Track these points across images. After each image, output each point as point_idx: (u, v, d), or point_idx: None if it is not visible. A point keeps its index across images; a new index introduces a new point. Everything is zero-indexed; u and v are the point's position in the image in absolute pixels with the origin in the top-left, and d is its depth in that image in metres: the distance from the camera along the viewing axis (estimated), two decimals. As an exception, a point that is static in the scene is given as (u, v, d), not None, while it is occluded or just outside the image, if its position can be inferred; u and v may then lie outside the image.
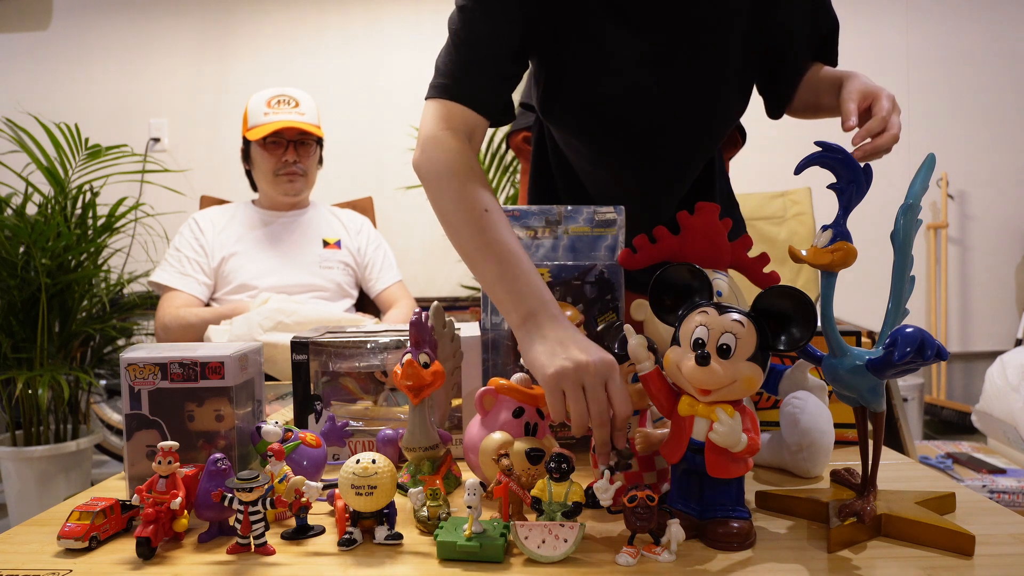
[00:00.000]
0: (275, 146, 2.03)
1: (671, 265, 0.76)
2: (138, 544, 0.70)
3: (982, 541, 0.67)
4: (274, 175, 2.05)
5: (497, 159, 3.13)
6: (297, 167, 2.05)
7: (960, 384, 3.65)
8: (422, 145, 0.96)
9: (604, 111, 1.11)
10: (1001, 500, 2.26)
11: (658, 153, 1.16)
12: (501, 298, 0.86)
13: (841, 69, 1.09)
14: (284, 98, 2.06)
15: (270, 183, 2.07)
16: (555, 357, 0.77)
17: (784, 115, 1.19)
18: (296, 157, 2.05)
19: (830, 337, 0.72)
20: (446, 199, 0.92)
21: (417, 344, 0.84)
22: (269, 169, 2.05)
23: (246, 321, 1.77)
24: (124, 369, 0.83)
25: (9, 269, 2.40)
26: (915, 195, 0.72)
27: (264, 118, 2.03)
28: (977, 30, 3.54)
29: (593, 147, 1.18)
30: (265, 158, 2.05)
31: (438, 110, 0.97)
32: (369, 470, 0.71)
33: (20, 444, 2.49)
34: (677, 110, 1.10)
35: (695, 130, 1.15)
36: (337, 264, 2.08)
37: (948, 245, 3.56)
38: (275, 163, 2.04)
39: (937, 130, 3.54)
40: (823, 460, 0.90)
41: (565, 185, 1.26)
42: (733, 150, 1.38)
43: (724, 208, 1.23)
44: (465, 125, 0.97)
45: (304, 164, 2.07)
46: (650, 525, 0.66)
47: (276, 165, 2.04)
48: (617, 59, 1.06)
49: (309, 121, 2.06)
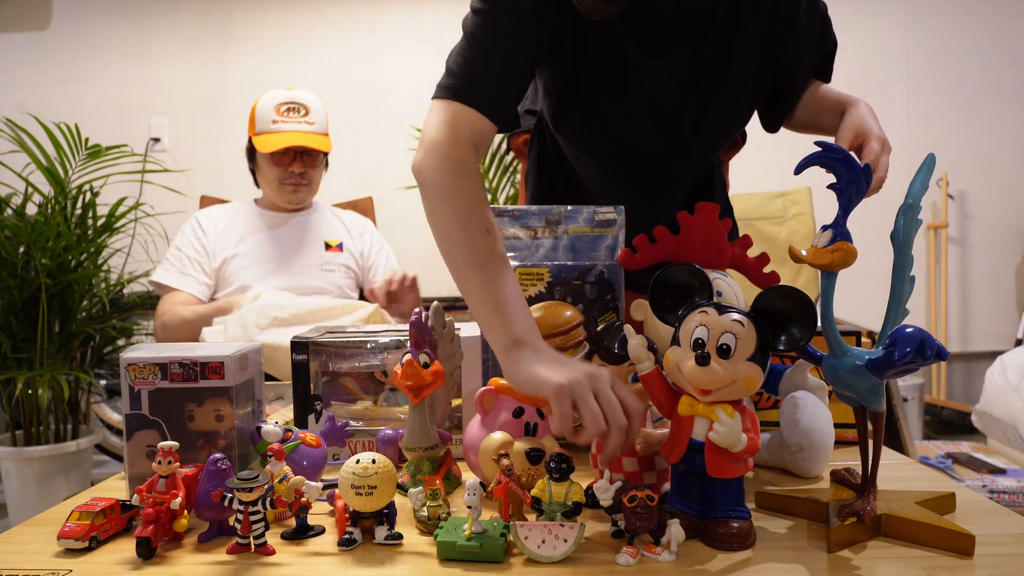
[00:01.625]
0: (282, 157, 2.02)
1: (671, 265, 0.76)
2: (138, 544, 0.70)
3: (982, 541, 0.67)
4: (279, 184, 2.04)
5: (497, 159, 3.13)
6: (303, 178, 2.05)
7: (960, 384, 3.65)
8: (425, 148, 0.92)
9: (620, 135, 1.12)
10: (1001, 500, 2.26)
11: (669, 172, 1.19)
12: (490, 321, 0.83)
13: (843, 93, 1.09)
14: (295, 105, 2.03)
15: (274, 190, 2.06)
16: (561, 369, 0.74)
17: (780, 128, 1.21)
18: (303, 168, 2.04)
19: (830, 337, 0.72)
20: (445, 212, 0.89)
21: (417, 344, 0.84)
22: (275, 178, 2.05)
23: (240, 321, 1.74)
24: (124, 369, 0.83)
25: (9, 269, 2.39)
26: (915, 195, 0.72)
27: (272, 127, 2.01)
28: (977, 30, 3.53)
29: (603, 164, 1.19)
30: (271, 167, 2.04)
31: (446, 112, 0.93)
32: (369, 470, 0.71)
33: (20, 444, 2.48)
34: (693, 137, 1.13)
35: (706, 152, 1.19)
36: (339, 267, 2.07)
37: (948, 245, 3.56)
38: (281, 173, 2.04)
39: (937, 130, 3.54)
40: (823, 460, 0.90)
41: (565, 185, 1.26)
42: (733, 151, 1.39)
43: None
44: (472, 133, 0.93)
45: (309, 175, 2.07)
46: (650, 525, 0.66)
47: (282, 175, 2.04)
48: (638, 86, 1.07)
49: (318, 131, 2.05)
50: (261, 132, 2.02)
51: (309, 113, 2.05)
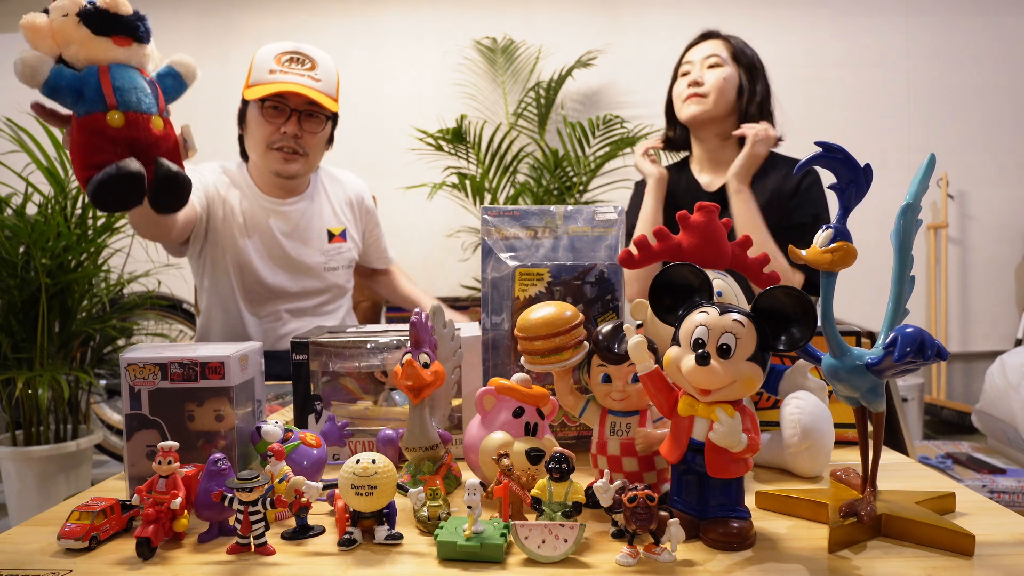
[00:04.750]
0: (275, 113, 1.62)
1: (671, 265, 0.76)
2: (138, 544, 0.70)
3: (982, 541, 0.68)
4: (267, 147, 1.64)
5: (497, 159, 3.13)
6: (297, 143, 1.63)
7: (960, 384, 3.65)
8: None
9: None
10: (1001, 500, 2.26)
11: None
12: None
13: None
14: (298, 56, 1.62)
15: (261, 155, 1.66)
16: None
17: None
18: (298, 131, 1.62)
19: (830, 337, 0.72)
20: None
21: (417, 344, 0.84)
22: (262, 138, 1.63)
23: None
24: (124, 369, 0.83)
25: (9, 269, 2.39)
26: (915, 195, 0.72)
27: (269, 76, 1.60)
28: (977, 30, 3.53)
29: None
30: (260, 125, 1.63)
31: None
32: (369, 470, 0.71)
33: (20, 444, 2.48)
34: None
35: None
36: (341, 265, 1.84)
37: (948, 245, 3.56)
38: (271, 132, 1.62)
39: (937, 130, 3.54)
40: (823, 460, 0.90)
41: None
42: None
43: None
44: None
45: (306, 142, 1.65)
46: (650, 525, 0.66)
47: (272, 135, 1.62)
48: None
49: (323, 90, 1.62)
50: (255, 83, 1.62)
51: (316, 68, 1.63)
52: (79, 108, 0.82)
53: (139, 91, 0.84)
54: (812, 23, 3.53)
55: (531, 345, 0.83)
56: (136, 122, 0.83)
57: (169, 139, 0.88)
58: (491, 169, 3.14)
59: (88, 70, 0.82)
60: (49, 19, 0.82)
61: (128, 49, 0.84)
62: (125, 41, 0.84)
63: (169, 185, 0.87)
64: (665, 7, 3.57)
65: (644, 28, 3.58)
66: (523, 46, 3.46)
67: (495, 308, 1.04)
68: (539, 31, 3.51)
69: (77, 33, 0.81)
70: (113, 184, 0.81)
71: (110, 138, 0.81)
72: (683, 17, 3.50)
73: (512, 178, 3.18)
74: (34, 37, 0.82)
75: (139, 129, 0.83)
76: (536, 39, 3.48)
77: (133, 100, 0.83)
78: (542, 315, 0.84)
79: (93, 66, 0.82)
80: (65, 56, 0.83)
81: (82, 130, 0.82)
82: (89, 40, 0.82)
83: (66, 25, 0.81)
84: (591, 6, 3.59)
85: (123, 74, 0.83)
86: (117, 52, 0.84)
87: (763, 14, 3.52)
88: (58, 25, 0.81)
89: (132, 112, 0.83)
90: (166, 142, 0.87)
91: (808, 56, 3.51)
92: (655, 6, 3.58)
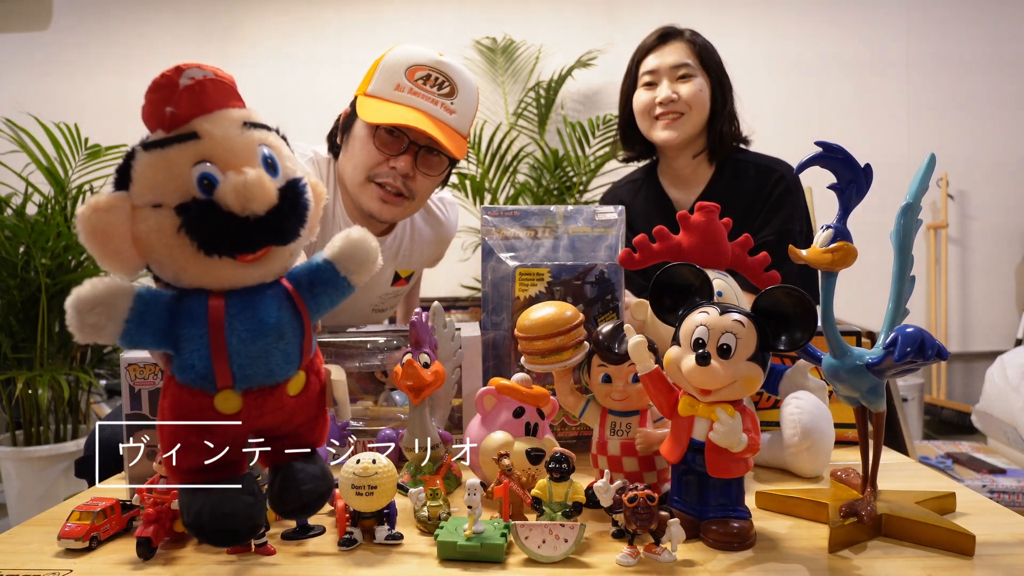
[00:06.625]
0: (390, 141, 1.28)
1: (671, 265, 0.76)
2: (138, 544, 0.70)
3: (982, 541, 0.67)
4: (367, 178, 1.29)
5: (497, 159, 3.13)
6: (406, 184, 1.29)
7: (960, 384, 3.65)
8: None
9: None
10: (1001, 500, 2.26)
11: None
12: None
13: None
14: (436, 75, 1.28)
15: (358, 185, 1.31)
16: None
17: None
18: (411, 170, 1.28)
19: (830, 337, 0.72)
20: None
21: (417, 344, 0.84)
22: (365, 166, 1.29)
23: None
24: (124, 369, 0.83)
25: (9, 269, 2.40)
26: (915, 195, 0.72)
27: (394, 93, 1.27)
28: (977, 30, 3.53)
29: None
30: (367, 151, 1.29)
31: None
32: (369, 470, 0.71)
33: (20, 444, 2.48)
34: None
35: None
36: (391, 307, 1.59)
37: (948, 245, 3.55)
38: (378, 163, 1.28)
39: (937, 130, 3.54)
40: (823, 460, 0.90)
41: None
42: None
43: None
44: None
45: (417, 185, 1.30)
46: (650, 525, 0.66)
47: (378, 167, 1.28)
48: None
49: (455, 125, 1.29)
50: (375, 94, 1.29)
51: (454, 95, 1.29)
52: (175, 363, 0.58)
53: (269, 353, 0.57)
54: (812, 24, 3.53)
55: (531, 345, 0.83)
56: (261, 402, 0.58)
57: (309, 402, 0.62)
58: (491, 169, 3.14)
59: (189, 307, 0.56)
60: (130, 216, 0.56)
61: (259, 264, 0.57)
62: (254, 256, 0.56)
63: (303, 505, 0.63)
64: (665, 7, 3.57)
65: (644, 28, 3.56)
66: (523, 46, 3.46)
67: (495, 308, 1.04)
68: (539, 31, 3.51)
69: (180, 253, 0.54)
70: (216, 520, 0.57)
71: (219, 428, 0.57)
72: (683, 17, 3.48)
73: (512, 178, 3.18)
74: (103, 241, 0.56)
75: (264, 408, 0.59)
76: (536, 39, 3.48)
77: (260, 373, 0.58)
78: (542, 315, 0.84)
79: (199, 298, 0.56)
80: (152, 266, 0.58)
81: (179, 402, 0.58)
82: (195, 260, 0.55)
83: (160, 237, 0.55)
84: (591, 6, 3.59)
85: (247, 324, 0.56)
86: (241, 274, 0.56)
87: (763, 15, 3.52)
88: (145, 235, 0.55)
89: (255, 390, 0.58)
90: (304, 409, 0.61)
91: (808, 56, 3.51)
92: (655, 6, 3.58)
